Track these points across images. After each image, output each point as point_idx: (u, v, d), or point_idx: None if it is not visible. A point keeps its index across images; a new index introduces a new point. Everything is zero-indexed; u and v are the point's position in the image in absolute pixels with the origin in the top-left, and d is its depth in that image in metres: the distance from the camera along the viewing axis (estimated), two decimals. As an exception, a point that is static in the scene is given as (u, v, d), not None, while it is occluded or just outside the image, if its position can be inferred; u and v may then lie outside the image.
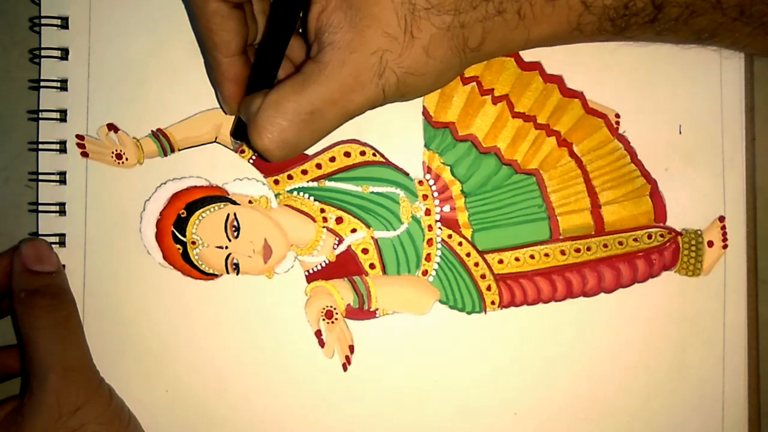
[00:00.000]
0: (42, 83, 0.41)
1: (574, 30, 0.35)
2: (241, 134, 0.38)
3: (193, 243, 0.41)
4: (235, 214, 0.41)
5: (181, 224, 0.41)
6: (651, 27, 0.35)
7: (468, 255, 0.42)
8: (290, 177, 0.42)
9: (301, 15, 0.36)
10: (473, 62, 0.36)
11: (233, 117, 0.40)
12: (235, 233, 0.41)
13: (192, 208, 0.41)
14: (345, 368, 0.42)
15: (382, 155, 0.42)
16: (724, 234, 0.42)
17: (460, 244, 0.42)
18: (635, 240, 0.42)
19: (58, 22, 0.41)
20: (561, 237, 0.42)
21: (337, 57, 0.32)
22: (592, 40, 0.37)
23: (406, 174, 0.42)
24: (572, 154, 0.42)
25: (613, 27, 0.35)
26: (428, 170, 0.42)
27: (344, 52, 0.32)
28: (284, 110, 0.33)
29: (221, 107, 0.40)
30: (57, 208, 0.41)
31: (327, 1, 0.33)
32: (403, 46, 0.33)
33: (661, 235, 0.42)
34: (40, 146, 0.41)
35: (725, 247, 0.42)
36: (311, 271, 0.42)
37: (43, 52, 0.41)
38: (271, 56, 0.36)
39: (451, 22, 0.33)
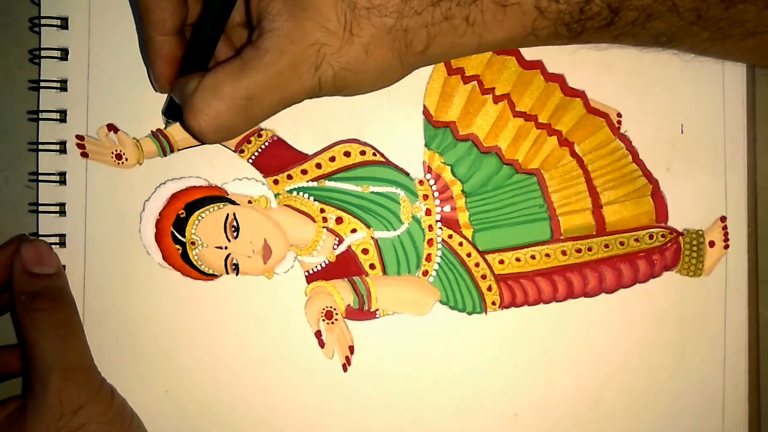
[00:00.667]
0: (42, 83, 0.41)
1: (528, 35, 0.35)
2: (173, 114, 0.39)
3: (193, 243, 0.41)
4: (234, 215, 0.41)
5: (180, 224, 0.41)
6: (607, 31, 0.35)
7: (469, 255, 0.42)
8: (290, 177, 0.42)
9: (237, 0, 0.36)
10: (419, 65, 0.36)
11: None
12: (235, 233, 0.41)
13: (191, 208, 0.41)
14: (345, 369, 0.42)
15: (382, 155, 0.42)
16: (726, 234, 0.42)
17: (460, 244, 0.42)
18: (636, 240, 0.42)
19: (58, 22, 0.41)
20: (562, 237, 0.42)
21: (276, 45, 0.33)
22: (548, 44, 0.36)
23: (407, 174, 0.42)
24: (573, 154, 0.42)
25: (569, 31, 0.35)
26: (429, 170, 0.42)
27: (283, 41, 0.33)
28: (221, 94, 0.33)
29: (150, 83, 0.39)
30: (57, 208, 0.41)
31: None
32: (341, 41, 0.33)
33: (663, 236, 0.42)
34: (40, 147, 0.41)
35: (726, 247, 0.42)
36: (311, 272, 0.42)
37: (43, 53, 0.41)
38: (207, 39, 0.36)
39: (393, 25, 0.33)
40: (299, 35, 0.32)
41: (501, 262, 0.42)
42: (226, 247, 0.41)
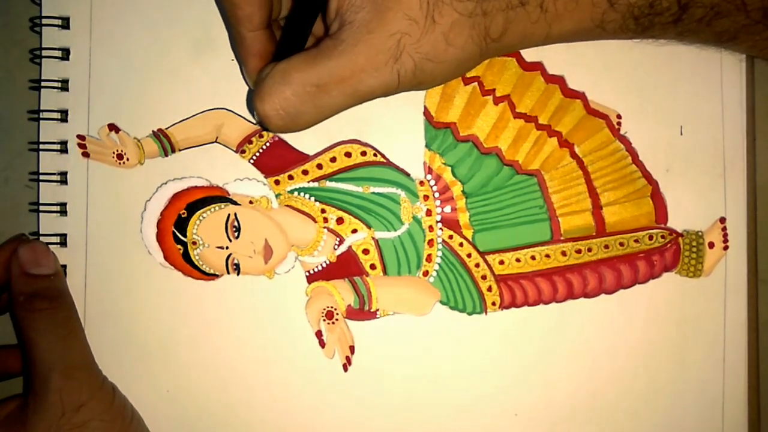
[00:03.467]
0: (43, 83, 0.41)
1: (596, 27, 0.34)
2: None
3: (194, 243, 0.41)
4: (235, 215, 0.41)
5: (181, 224, 0.41)
6: (674, 27, 0.35)
7: (469, 256, 0.42)
8: (291, 177, 0.42)
9: None
10: (493, 54, 0.35)
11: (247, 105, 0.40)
12: (236, 233, 0.41)
13: (193, 208, 0.41)
14: (345, 369, 0.42)
15: (383, 155, 0.42)
16: (725, 235, 0.42)
17: (461, 244, 0.42)
18: (636, 241, 0.42)
19: (59, 22, 0.41)
20: (562, 238, 0.42)
21: (354, 35, 0.32)
22: (613, 38, 0.36)
23: (407, 174, 0.42)
24: (573, 155, 0.42)
25: (637, 26, 0.34)
26: (429, 171, 0.42)
27: (362, 32, 0.32)
28: (290, 79, 0.32)
29: (245, 81, 0.39)
30: (58, 208, 0.41)
31: None
32: (423, 30, 0.32)
33: (662, 236, 0.42)
34: (41, 146, 0.41)
35: (726, 248, 0.42)
36: (312, 272, 0.42)
37: (44, 53, 0.41)
38: (297, 31, 0.35)
39: (473, 9, 0.32)
40: (379, 25, 0.32)
41: (501, 262, 0.42)
42: (227, 247, 0.41)
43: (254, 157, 0.41)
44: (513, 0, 0.33)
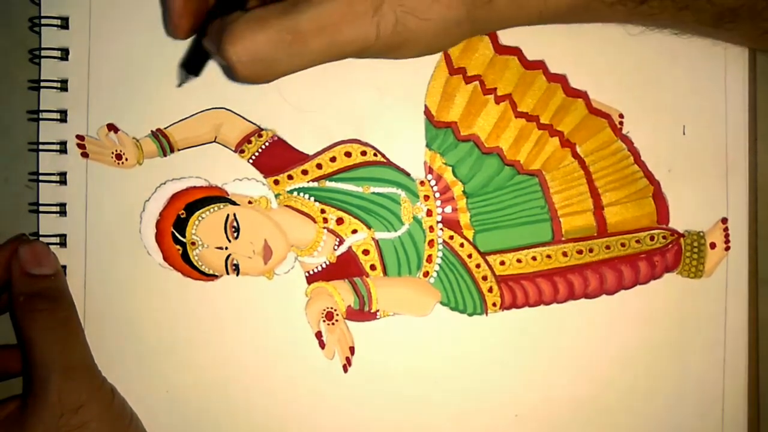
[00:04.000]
0: (42, 83, 0.40)
1: (594, 0, 0.33)
2: (194, 66, 0.36)
3: (193, 244, 0.41)
4: (234, 215, 0.41)
5: (180, 225, 0.41)
6: (672, 1, 0.33)
7: (469, 256, 0.42)
8: (290, 177, 0.42)
9: None
10: (482, 23, 0.33)
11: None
12: (235, 234, 0.41)
13: (192, 208, 0.41)
14: (345, 369, 0.42)
15: (383, 155, 0.42)
16: (727, 236, 0.42)
17: (461, 245, 0.42)
18: (638, 242, 0.42)
19: (59, 22, 0.40)
20: (563, 238, 0.42)
21: None
22: (609, 17, 0.34)
23: (408, 174, 0.42)
24: (575, 155, 0.42)
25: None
26: (430, 171, 0.42)
27: None
28: (266, 24, 0.31)
29: (168, 32, 0.37)
30: (57, 208, 0.41)
31: None
32: None
33: (664, 237, 0.42)
34: (41, 146, 0.41)
35: (728, 249, 0.42)
36: (311, 272, 0.42)
37: (44, 53, 0.40)
38: None
39: None
40: None
41: (502, 263, 0.42)
42: (226, 248, 0.41)
43: (253, 157, 0.41)
44: None
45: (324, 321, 0.41)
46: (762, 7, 0.34)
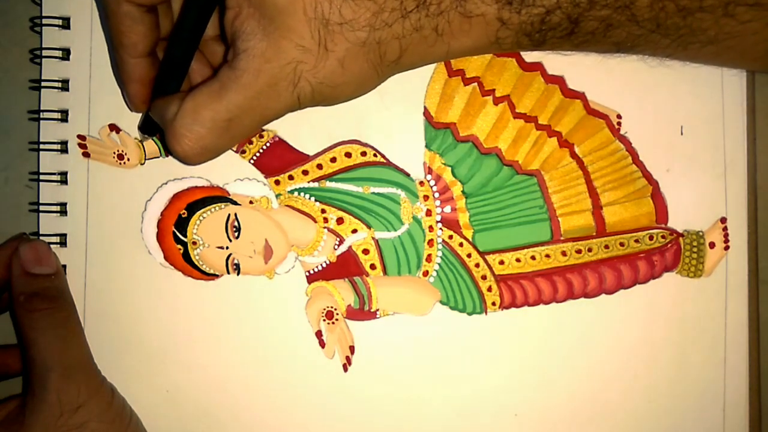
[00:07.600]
0: (43, 83, 0.41)
1: (493, 44, 0.35)
2: (149, 129, 0.39)
3: (194, 243, 0.41)
4: (235, 215, 0.41)
5: (182, 224, 0.41)
6: (569, 40, 0.35)
7: (469, 256, 0.42)
8: (291, 177, 0.42)
9: (211, 19, 0.36)
10: (393, 73, 0.36)
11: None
12: (236, 233, 0.41)
13: (193, 208, 0.41)
14: (345, 369, 0.42)
15: (383, 156, 0.42)
16: (726, 235, 0.42)
17: (461, 245, 0.42)
18: (636, 241, 0.42)
19: (60, 22, 0.41)
20: (562, 238, 0.42)
21: (253, 65, 0.33)
22: (514, 51, 0.37)
23: (407, 174, 0.42)
24: (573, 155, 0.42)
25: (531, 41, 0.35)
26: (429, 171, 0.42)
27: (259, 61, 0.32)
28: (202, 118, 0.33)
29: (126, 104, 0.39)
30: (58, 208, 0.41)
31: (240, 8, 0.33)
32: (317, 58, 0.33)
33: (663, 237, 0.42)
34: (41, 146, 0.41)
35: (727, 248, 0.42)
36: (312, 272, 0.42)
37: (45, 53, 0.41)
38: (179, 59, 0.36)
39: (366, 39, 0.33)
40: (275, 54, 0.32)
41: (501, 262, 0.42)
42: (227, 247, 0.41)
43: (254, 157, 0.41)
44: (407, 27, 0.33)
45: (324, 320, 0.41)
46: (657, 38, 0.35)
